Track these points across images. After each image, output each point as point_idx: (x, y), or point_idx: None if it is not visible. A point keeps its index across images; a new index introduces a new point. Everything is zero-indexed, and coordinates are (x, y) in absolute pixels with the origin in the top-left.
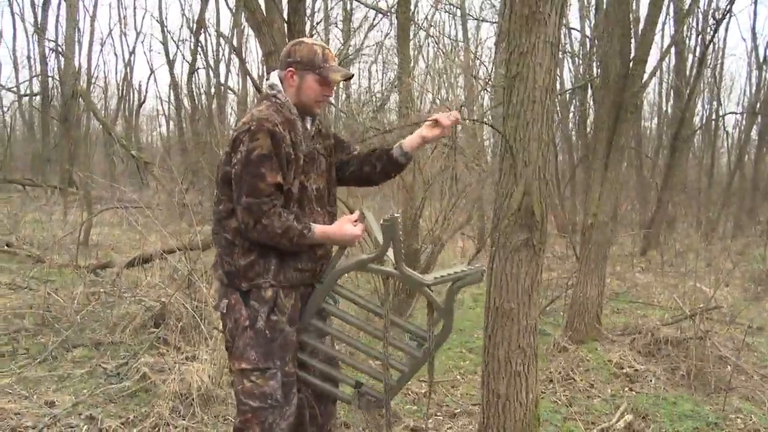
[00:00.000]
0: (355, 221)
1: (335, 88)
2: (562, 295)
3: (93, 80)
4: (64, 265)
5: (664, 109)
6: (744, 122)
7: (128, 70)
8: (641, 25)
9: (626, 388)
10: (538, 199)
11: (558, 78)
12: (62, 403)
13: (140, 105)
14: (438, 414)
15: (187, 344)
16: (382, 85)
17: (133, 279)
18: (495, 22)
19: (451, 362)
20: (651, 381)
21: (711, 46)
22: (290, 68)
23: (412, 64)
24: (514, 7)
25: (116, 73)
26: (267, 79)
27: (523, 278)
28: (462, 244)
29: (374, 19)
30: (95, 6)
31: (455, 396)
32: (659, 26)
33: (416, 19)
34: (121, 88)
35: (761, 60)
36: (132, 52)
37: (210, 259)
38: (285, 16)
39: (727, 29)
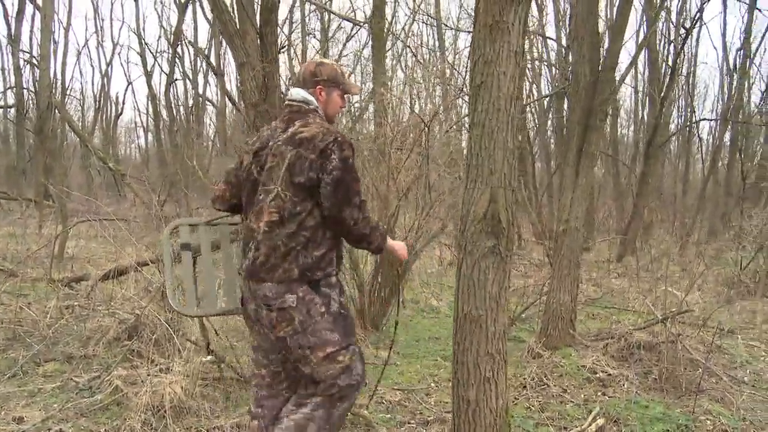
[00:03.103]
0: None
1: None
2: (537, 301)
3: (68, 92)
4: (37, 278)
5: (640, 116)
6: (717, 129)
7: (105, 81)
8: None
9: (599, 393)
10: (504, 206)
11: (536, 86)
12: (31, 418)
13: (117, 117)
14: (411, 422)
15: (161, 356)
16: (360, 96)
17: (108, 292)
18: (471, 32)
19: (426, 370)
20: (624, 385)
21: (683, 54)
22: (319, 86)
23: (390, 74)
24: (478, 17)
25: (93, 85)
26: (290, 94)
27: (491, 285)
28: (439, 252)
29: (351, 30)
30: (69, 16)
31: (429, 404)
32: (634, 35)
33: (394, 30)
34: (98, 99)
35: (731, 68)
36: (109, 64)
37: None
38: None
39: (698, 39)
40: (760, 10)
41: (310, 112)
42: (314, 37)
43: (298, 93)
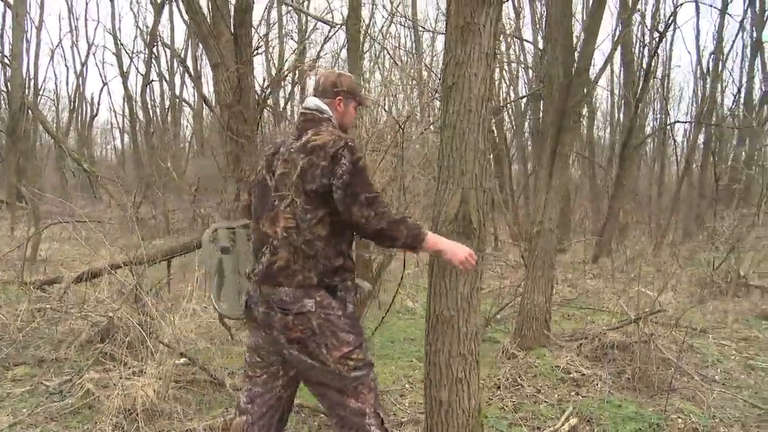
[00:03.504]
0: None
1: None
2: (512, 302)
3: (41, 92)
4: (9, 281)
5: (617, 118)
6: (691, 131)
7: (80, 82)
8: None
9: (573, 393)
10: (475, 207)
11: (513, 88)
12: None
13: (93, 117)
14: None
15: (134, 359)
16: None
17: (81, 294)
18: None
19: (401, 371)
20: (597, 385)
21: (657, 57)
22: (339, 96)
23: (368, 76)
24: (450, 19)
25: (68, 85)
26: (306, 103)
27: (462, 286)
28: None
29: (329, 32)
30: (41, 14)
31: (403, 405)
32: (611, 39)
33: (372, 32)
34: (72, 100)
35: (705, 72)
36: (84, 64)
37: (156, 274)
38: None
39: (672, 42)
40: (731, 16)
41: (323, 120)
42: (291, 38)
43: (312, 102)
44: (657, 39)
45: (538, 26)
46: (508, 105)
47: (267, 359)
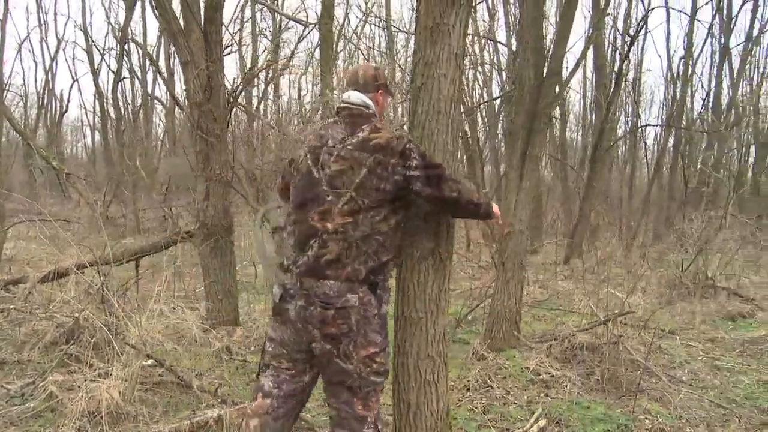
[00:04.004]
0: None
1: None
2: (483, 303)
3: (6, 87)
4: None
5: (589, 120)
6: (662, 135)
7: (50, 78)
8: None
9: (542, 394)
10: None
11: (486, 90)
12: None
13: (62, 114)
14: None
15: (99, 360)
16: (312, 97)
17: (47, 295)
18: None
19: None
20: (566, 386)
21: (628, 61)
22: (380, 90)
23: (341, 75)
24: (419, 19)
25: (36, 81)
26: (348, 97)
27: (431, 287)
28: None
29: (303, 31)
30: (6, 8)
31: None
32: (585, 42)
33: (345, 32)
34: (41, 96)
35: (675, 76)
36: (53, 59)
37: (124, 274)
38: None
39: (644, 46)
40: (700, 22)
41: (371, 116)
42: (265, 37)
43: (357, 97)
44: (628, 43)
45: (512, 28)
46: (482, 106)
47: (292, 356)
